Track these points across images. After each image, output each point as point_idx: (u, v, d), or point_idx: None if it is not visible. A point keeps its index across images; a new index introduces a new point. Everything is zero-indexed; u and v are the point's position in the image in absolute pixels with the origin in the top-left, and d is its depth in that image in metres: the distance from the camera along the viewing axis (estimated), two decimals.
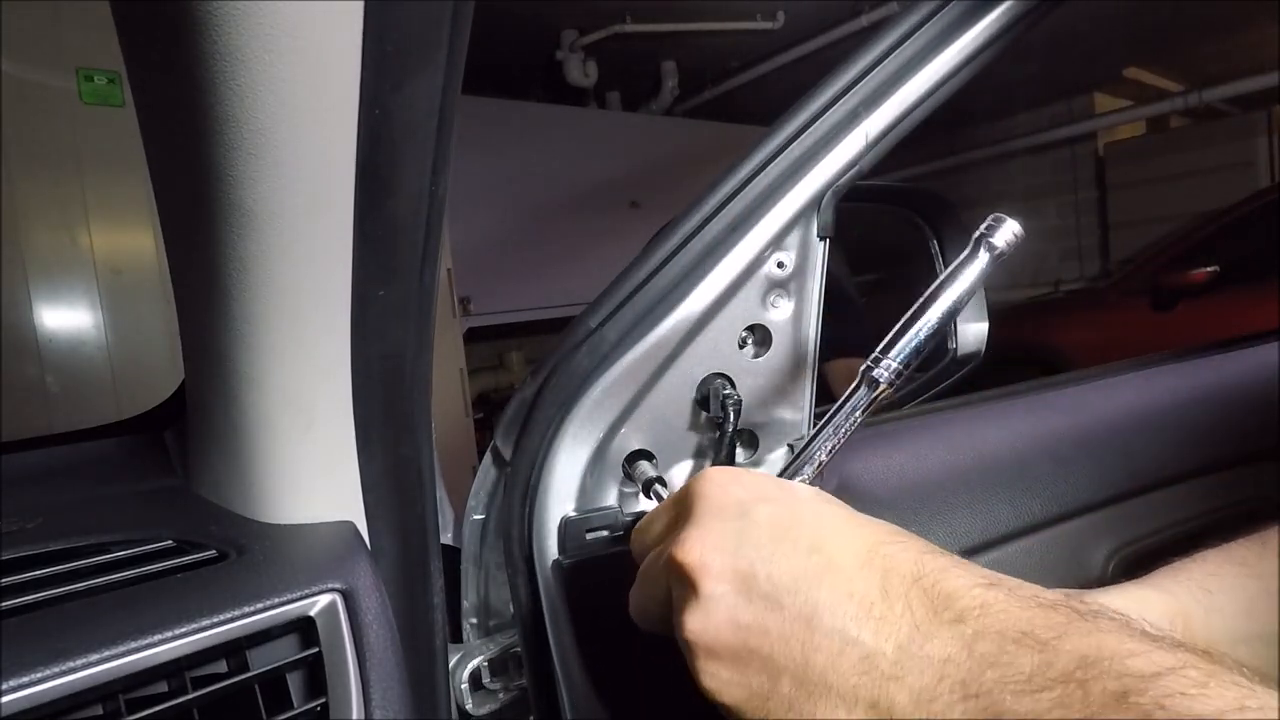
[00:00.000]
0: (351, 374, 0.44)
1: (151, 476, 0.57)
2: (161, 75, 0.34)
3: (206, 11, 0.30)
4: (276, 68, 0.32)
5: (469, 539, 0.57)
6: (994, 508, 0.58)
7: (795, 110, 0.53)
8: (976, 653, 0.28)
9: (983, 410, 0.67)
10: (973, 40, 0.53)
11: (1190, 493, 0.67)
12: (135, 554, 0.43)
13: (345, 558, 0.44)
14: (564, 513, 0.51)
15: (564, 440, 0.50)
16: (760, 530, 0.34)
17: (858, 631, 0.31)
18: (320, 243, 0.38)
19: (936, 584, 0.31)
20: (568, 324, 0.54)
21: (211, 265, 0.38)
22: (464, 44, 0.37)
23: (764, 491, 0.37)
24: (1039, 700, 0.26)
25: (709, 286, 0.51)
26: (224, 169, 0.34)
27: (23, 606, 0.38)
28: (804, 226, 0.52)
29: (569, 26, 3.88)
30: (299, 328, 0.41)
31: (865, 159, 0.53)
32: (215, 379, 0.44)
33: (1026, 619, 0.28)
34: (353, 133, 0.35)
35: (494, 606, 0.58)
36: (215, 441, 0.48)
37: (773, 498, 0.37)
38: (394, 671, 0.43)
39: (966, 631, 0.29)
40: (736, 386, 0.53)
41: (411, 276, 0.43)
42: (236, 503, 0.49)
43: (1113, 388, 0.72)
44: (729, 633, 0.33)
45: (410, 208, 0.40)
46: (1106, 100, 5.61)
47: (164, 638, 0.36)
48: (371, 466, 0.47)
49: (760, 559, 0.33)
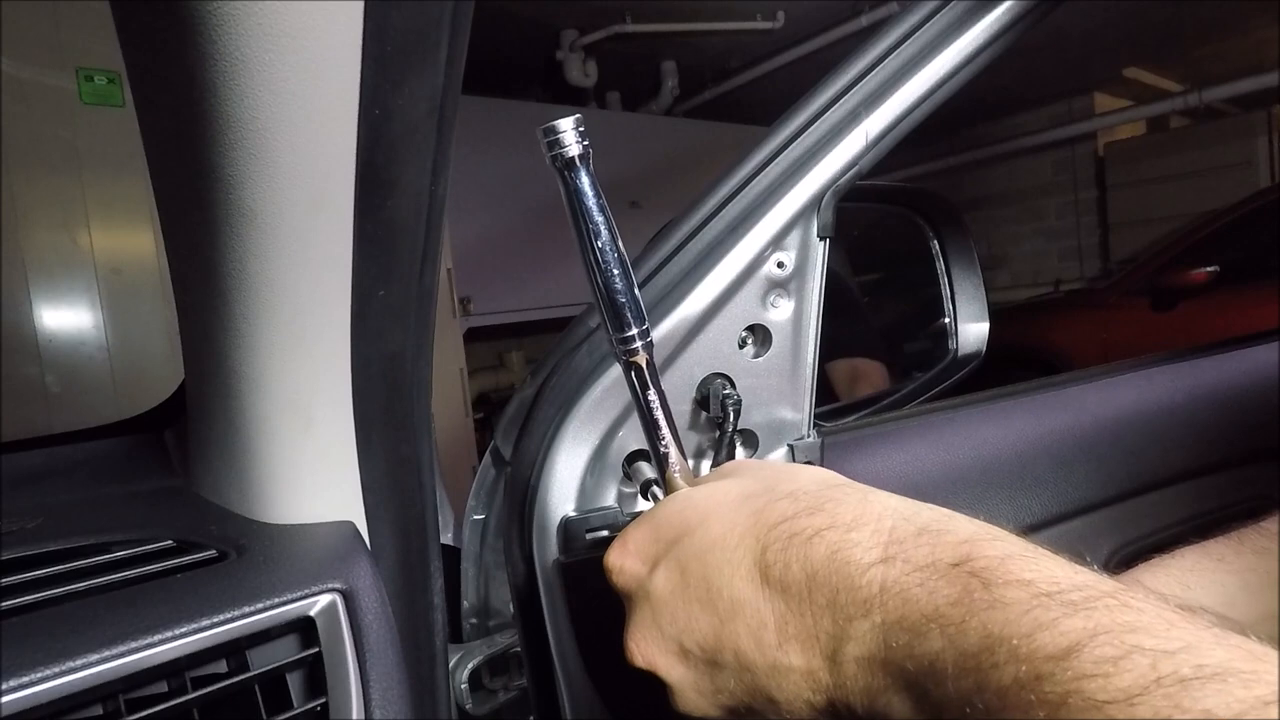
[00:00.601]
0: (351, 374, 0.44)
1: (151, 476, 0.57)
2: (161, 76, 0.34)
3: (206, 12, 0.30)
4: (276, 68, 0.31)
5: (469, 539, 0.57)
6: (994, 508, 0.58)
7: (795, 110, 0.53)
8: (892, 645, 0.28)
9: (983, 410, 0.67)
10: (973, 40, 0.53)
11: (1190, 493, 0.67)
12: (135, 554, 0.43)
13: (345, 558, 0.44)
14: (564, 513, 0.51)
15: (564, 440, 0.50)
16: (665, 604, 0.37)
17: (789, 659, 0.32)
18: (320, 243, 0.38)
19: (831, 576, 0.31)
20: (568, 324, 0.54)
21: (211, 265, 0.38)
22: (464, 44, 0.37)
23: (659, 546, 0.38)
24: (960, 687, 0.26)
25: (709, 286, 0.51)
26: (224, 169, 0.34)
27: (23, 606, 0.38)
28: (804, 226, 0.52)
29: (569, 26, 3.88)
30: (299, 328, 0.41)
31: (865, 159, 0.53)
32: (215, 379, 0.44)
33: (929, 600, 0.28)
34: (353, 133, 0.35)
35: (494, 606, 0.58)
36: (215, 441, 0.48)
37: (665, 551, 0.38)
38: (394, 671, 0.43)
39: (876, 621, 0.29)
40: (736, 386, 0.53)
41: (411, 276, 0.43)
42: (236, 503, 0.49)
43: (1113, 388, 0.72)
44: (708, 701, 0.37)
45: (410, 208, 0.40)
46: (1106, 100, 5.61)
47: (164, 638, 0.36)
48: (371, 466, 0.47)
49: (681, 633, 0.36)
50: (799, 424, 0.55)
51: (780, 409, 0.54)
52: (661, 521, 0.39)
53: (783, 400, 0.54)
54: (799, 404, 0.55)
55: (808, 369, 0.54)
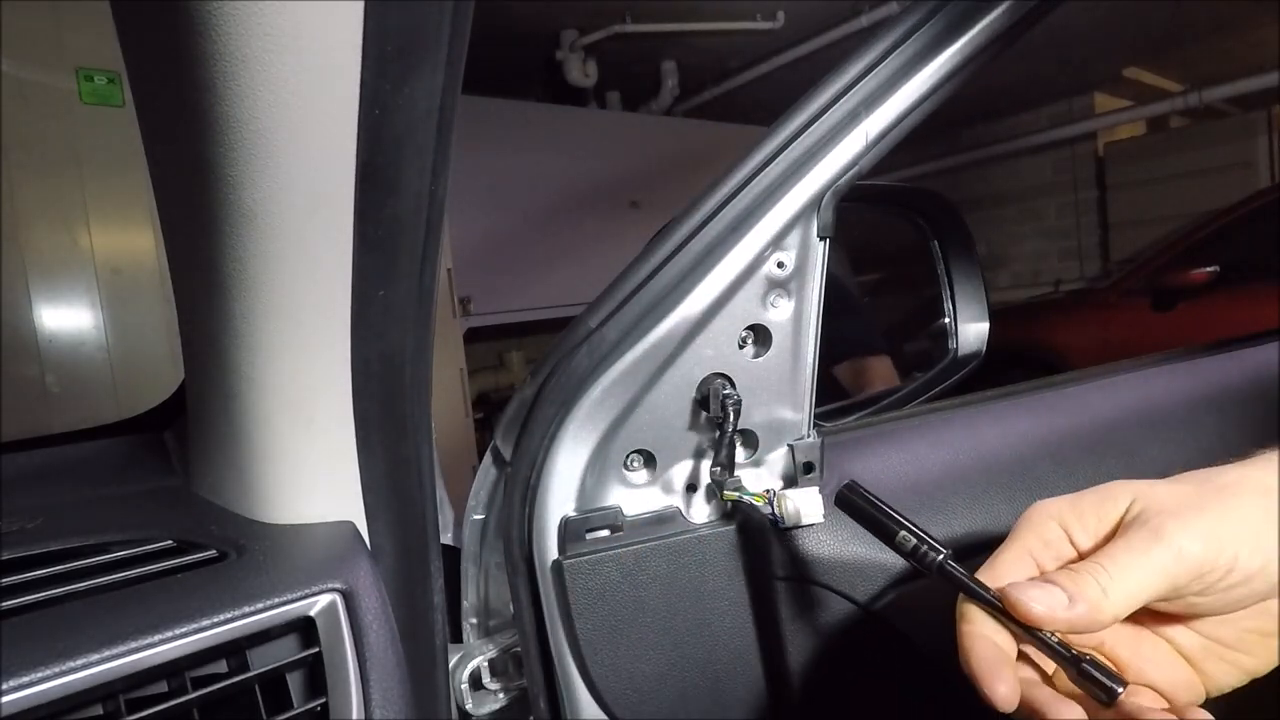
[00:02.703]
0: (351, 374, 0.44)
1: (151, 476, 0.57)
2: (162, 76, 0.34)
3: (207, 12, 0.30)
4: (277, 68, 0.32)
5: (469, 539, 0.57)
6: (994, 508, 0.58)
7: (795, 110, 0.53)
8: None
9: (983, 410, 0.67)
10: (973, 40, 0.53)
11: None
12: (135, 554, 0.43)
13: (345, 558, 0.44)
14: (564, 513, 0.51)
15: (564, 440, 0.50)
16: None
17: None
18: (320, 243, 0.38)
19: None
20: (568, 324, 0.54)
21: (211, 265, 0.38)
22: (464, 44, 0.37)
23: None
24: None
25: (709, 286, 0.51)
26: (224, 169, 0.34)
27: (23, 606, 0.38)
28: (804, 226, 0.52)
29: (569, 26, 3.88)
30: (299, 327, 0.41)
31: (865, 159, 0.53)
32: (215, 379, 0.44)
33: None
34: (353, 133, 0.35)
35: (494, 606, 0.58)
36: (215, 441, 0.48)
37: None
38: (394, 671, 0.43)
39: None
40: (736, 386, 0.53)
41: (411, 276, 0.43)
42: (236, 503, 0.49)
43: (1113, 388, 0.72)
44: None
45: (410, 208, 0.40)
46: (1106, 100, 5.61)
47: (164, 638, 0.36)
48: (371, 466, 0.47)
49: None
50: (799, 424, 0.55)
51: (780, 409, 0.54)
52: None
53: (783, 400, 0.54)
54: (799, 404, 0.55)
55: (808, 369, 0.54)
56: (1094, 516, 0.39)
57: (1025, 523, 0.41)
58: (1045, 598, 0.35)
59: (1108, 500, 0.39)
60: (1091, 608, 0.35)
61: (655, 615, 0.52)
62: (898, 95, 0.52)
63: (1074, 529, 0.40)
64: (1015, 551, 0.40)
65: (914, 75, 0.52)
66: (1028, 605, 0.35)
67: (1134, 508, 0.38)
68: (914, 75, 0.52)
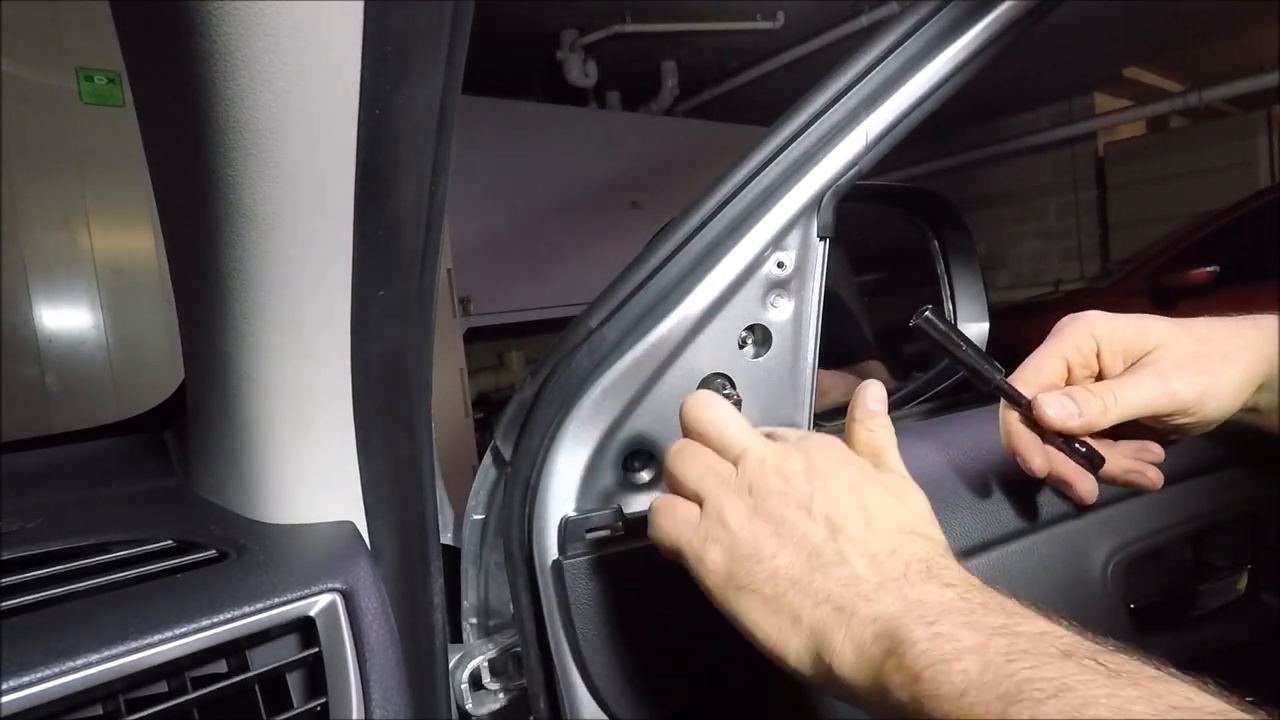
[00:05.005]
0: (351, 374, 0.44)
1: (151, 476, 0.57)
2: (161, 76, 0.34)
3: (206, 11, 0.30)
4: (276, 68, 0.32)
5: (469, 539, 0.57)
6: (994, 508, 0.58)
7: (795, 110, 0.53)
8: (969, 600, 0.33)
9: (983, 410, 0.67)
10: (973, 40, 0.53)
11: (1190, 493, 0.67)
12: (135, 554, 0.43)
13: (345, 558, 0.44)
14: (564, 513, 0.51)
15: (564, 440, 0.50)
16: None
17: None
18: (320, 243, 0.38)
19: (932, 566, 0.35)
20: (568, 324, 0.54)
21: (211, 265, 0.38)
22: (464, 44, 0.37)
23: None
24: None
25: (709, 286, 0.51)
26: (224, 169, 0.34)
27: (23, 606, 0.38)
28: (804, 226, 0.52)
29: (569, 26, 3.88)
30: (299, 328, 0.41)
31: (865, 159, 0.53)
32: (215, 379, 0.44)
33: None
34: (353, 133, 0.35)
35: (494, 606, 0.58)
36: (215, 442, 0.48)
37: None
38: (394, 671, 0.43)
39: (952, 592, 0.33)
40: (737, 386, 0.53)
41: (411, 276, 0.43)
42: (236, 503, 0.49)
43: None
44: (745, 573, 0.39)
45: (410, 208, 0.40)
46: (1106, 100, 5.60)
47: (164, 638, 0.36)
48: (371, 466, 0.47)
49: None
50: (799, 423, 0.55)
51: (780, 408, 0.54)
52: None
53: (783, 400, 0.54)
54: (799, 404, 0.55)
55: (808, 369, 0.54)
56: (1123, 344, 0.50)
57: (1068, 330, 0.52)
58: (1060, 409, 0.48)
59: (1139, 337, 0.50)
60: (1091, 421, 0.48)
61: (655, 615, 0.52)
62: (898, 95, 0.52)
63: (1105, 346, 0.51)
64: (1052, 353, 0.52)
65: (914, 75, 0.52)
66: (1044, 412, 0.48)
67: (1157, 352, 0.49)
68: (914, 75, 0.52)
